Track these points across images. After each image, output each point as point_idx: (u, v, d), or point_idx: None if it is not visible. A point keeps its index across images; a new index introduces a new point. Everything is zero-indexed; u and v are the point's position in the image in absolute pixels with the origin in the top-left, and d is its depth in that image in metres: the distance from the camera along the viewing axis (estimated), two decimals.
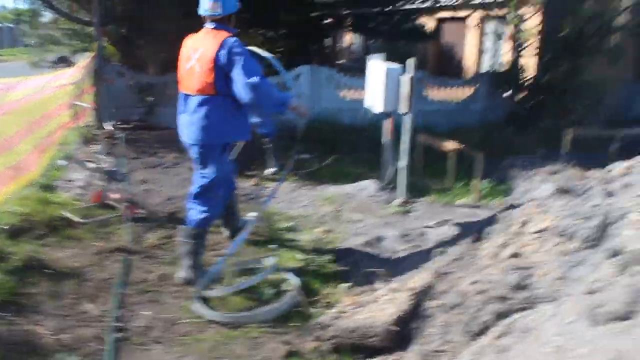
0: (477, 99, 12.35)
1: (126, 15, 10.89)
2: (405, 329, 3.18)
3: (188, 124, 4.26)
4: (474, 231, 4.37)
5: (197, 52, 4.18)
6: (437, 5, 18.27)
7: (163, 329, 3.63)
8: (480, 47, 17.96)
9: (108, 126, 9.64)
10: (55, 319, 3.62)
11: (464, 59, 19.38)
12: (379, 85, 6.59)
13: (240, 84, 3.93)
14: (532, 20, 12.51)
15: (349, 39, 28.99)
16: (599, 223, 2.77)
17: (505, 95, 12.46)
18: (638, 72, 15.10)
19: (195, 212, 4.30)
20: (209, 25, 4.25)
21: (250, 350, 3.40)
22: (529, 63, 12.79)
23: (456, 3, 17.85)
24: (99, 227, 5.24)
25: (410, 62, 6.35)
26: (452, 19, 18.07)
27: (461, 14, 17.69)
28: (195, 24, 4.47)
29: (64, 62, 13.32)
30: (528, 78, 12.30)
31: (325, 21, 15.55)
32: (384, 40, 18.94)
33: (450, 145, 7.93)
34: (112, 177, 5.69)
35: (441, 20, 19.85)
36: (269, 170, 7.91)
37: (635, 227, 2.63)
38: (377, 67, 6.75)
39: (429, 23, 21.30)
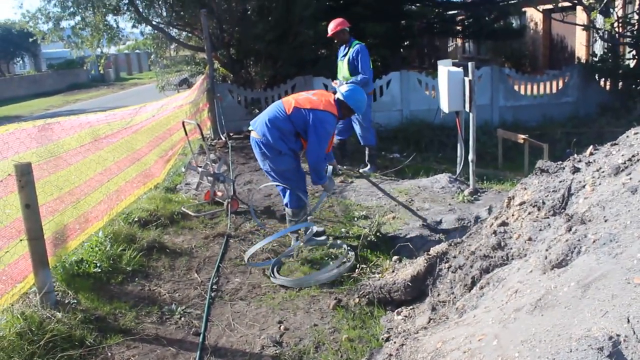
0: (568, 92, 12.37)
1: (232, 41, 12.32)
2: (422, 286, 4.03)
3: None
4: None
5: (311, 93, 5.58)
6: None
7: (247, 291, 4.76)
8: (589, 36, 17.59)
9: (222, 137, 11.16)
10: (170, 283, 4.90)
11: (576, 50, 19.03)
12: (444, 87, 7.31)
13: (307, 149, 5.28)
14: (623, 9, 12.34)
15: (461, 39, 29.09)
16: (562, 194, 3.43)
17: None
18: None
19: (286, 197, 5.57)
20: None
21: (308, 304, 4.42)
22: (624, 51, 12.58)
23: None
24: (208, 219, 6.55)
25: (471, 65, 7.00)
26: (562, 9, 17.33)
27: (568, 3, 17.19)
28: (286, 46, 5.56)
29: (185, 83, 15.17)
30: (622, 66, 12.09)
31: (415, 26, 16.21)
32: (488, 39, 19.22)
33: (522, 138, 8.45)
34: (217, 179, 6.93)
35: (547, 13, 19.53)
36: (365, 169, 8.87)
37: (586, 196, 3.28)
38: (442, 71, 7.46)
39: (535, 16, 20.95)
